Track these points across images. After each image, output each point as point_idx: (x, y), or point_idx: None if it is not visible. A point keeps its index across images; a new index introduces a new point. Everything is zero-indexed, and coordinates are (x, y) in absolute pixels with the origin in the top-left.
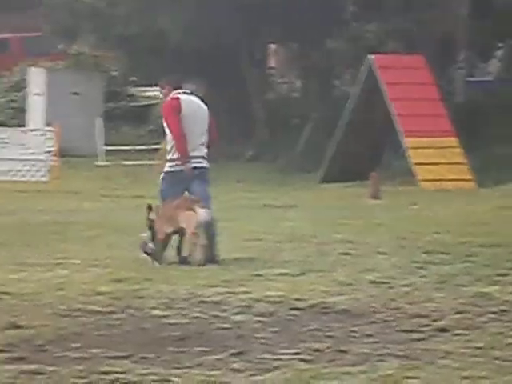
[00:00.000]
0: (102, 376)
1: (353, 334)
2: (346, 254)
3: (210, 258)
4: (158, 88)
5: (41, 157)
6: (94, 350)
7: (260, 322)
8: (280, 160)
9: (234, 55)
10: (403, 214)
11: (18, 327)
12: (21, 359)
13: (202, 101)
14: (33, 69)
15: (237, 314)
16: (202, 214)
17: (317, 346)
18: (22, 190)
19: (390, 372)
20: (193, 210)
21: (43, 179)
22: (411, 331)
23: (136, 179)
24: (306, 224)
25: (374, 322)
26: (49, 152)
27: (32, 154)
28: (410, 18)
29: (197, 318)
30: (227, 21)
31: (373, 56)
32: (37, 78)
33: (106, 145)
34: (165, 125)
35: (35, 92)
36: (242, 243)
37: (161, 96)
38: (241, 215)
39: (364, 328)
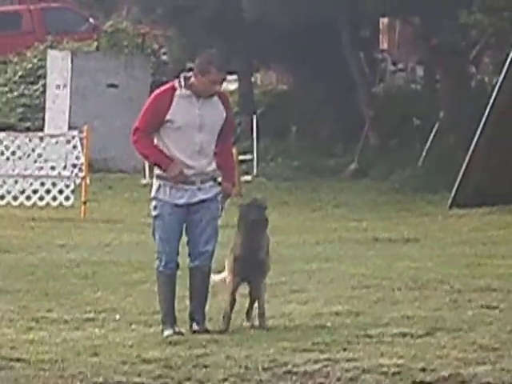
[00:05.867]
0: None
1: None
2: (489, 306)
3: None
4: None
5: (64, 172)
6: None
7: None
8: (395, 176)
9: (332, 33)
10: None
11: None
12: None
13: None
14: (53, 52)
15: None
16: None
17: None
18: (38, 218)
19: None
20: None
21: (67, 203)
22: None
23: None
24: (432, 265)
25: None
26: (75, 166)
27: (52, 168)
28: None
29: None
30: None
31: None
32: (59, 65)
33: None
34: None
35: (56, 84)
36: (344, 291)
37: (232, 88)
38: (344, 253)
39: None
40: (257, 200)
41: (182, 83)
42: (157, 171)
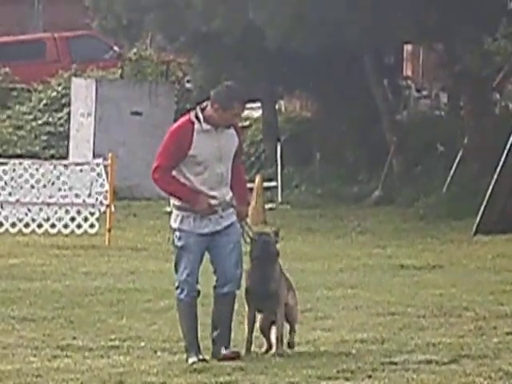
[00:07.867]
0: None
1: None
2: None
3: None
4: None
5: (89, 200)
6: None
7: None
8: (419, 203)
9: (356, 61)
10: None
11: None
12: None
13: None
14: (77, 80)
15: None
16: None
17: None
18: (62, 246)
19: None
20: None
21: (92, 231)
22: None
23: None
24: (457, 292)
25: None
26: (99, 193)
27: (76, 196)
28: None
29: None
30: (345, 14)
31: None
32: (83, 93)
33: None
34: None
35: (81, 112)
36: (369, 318)
37: (255, 115)
38: (368, 280)
39: None
40: (264, 234)
41: (201, 117)
42: (177, 203)
